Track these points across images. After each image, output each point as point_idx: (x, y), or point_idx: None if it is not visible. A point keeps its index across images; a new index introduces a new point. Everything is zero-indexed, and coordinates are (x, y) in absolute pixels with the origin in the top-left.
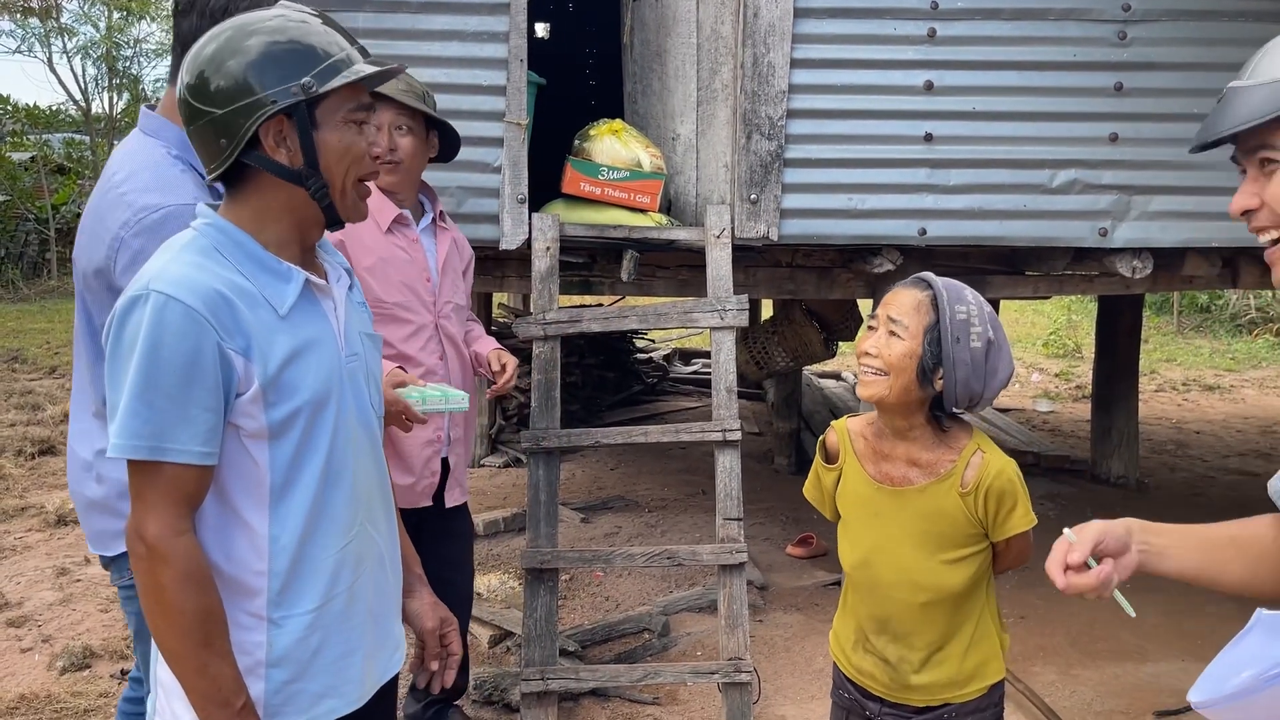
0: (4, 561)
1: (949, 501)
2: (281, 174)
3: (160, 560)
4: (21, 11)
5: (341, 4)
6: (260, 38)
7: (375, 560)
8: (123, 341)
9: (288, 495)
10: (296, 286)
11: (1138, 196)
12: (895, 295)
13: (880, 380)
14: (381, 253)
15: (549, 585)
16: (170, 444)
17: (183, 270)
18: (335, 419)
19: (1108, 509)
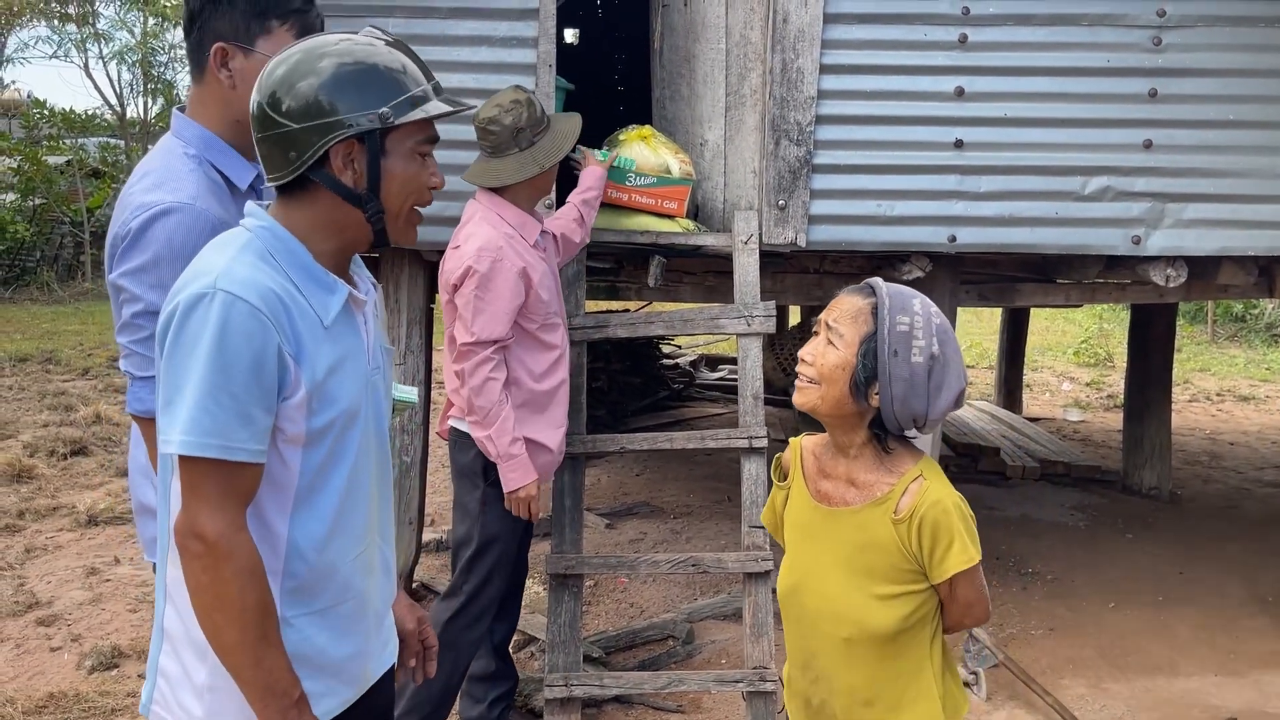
0: (36, 561)
1: (881, 528)
2: (343, 194)
3: (223, 557)
4: (59, 18)
5: (372, 10)
6: (332, 60)
7: (382, 566)
8: (185, 337)
9: (312, 500)
10: (340, 298)
11: (1172, 204)
12: (838, 301)
13: (812, 389)
14: (540, 266)
15: (573, 591)
16: (234, 442)
17: (246, 271)
18: (361, 430)
19: (1139, 521)
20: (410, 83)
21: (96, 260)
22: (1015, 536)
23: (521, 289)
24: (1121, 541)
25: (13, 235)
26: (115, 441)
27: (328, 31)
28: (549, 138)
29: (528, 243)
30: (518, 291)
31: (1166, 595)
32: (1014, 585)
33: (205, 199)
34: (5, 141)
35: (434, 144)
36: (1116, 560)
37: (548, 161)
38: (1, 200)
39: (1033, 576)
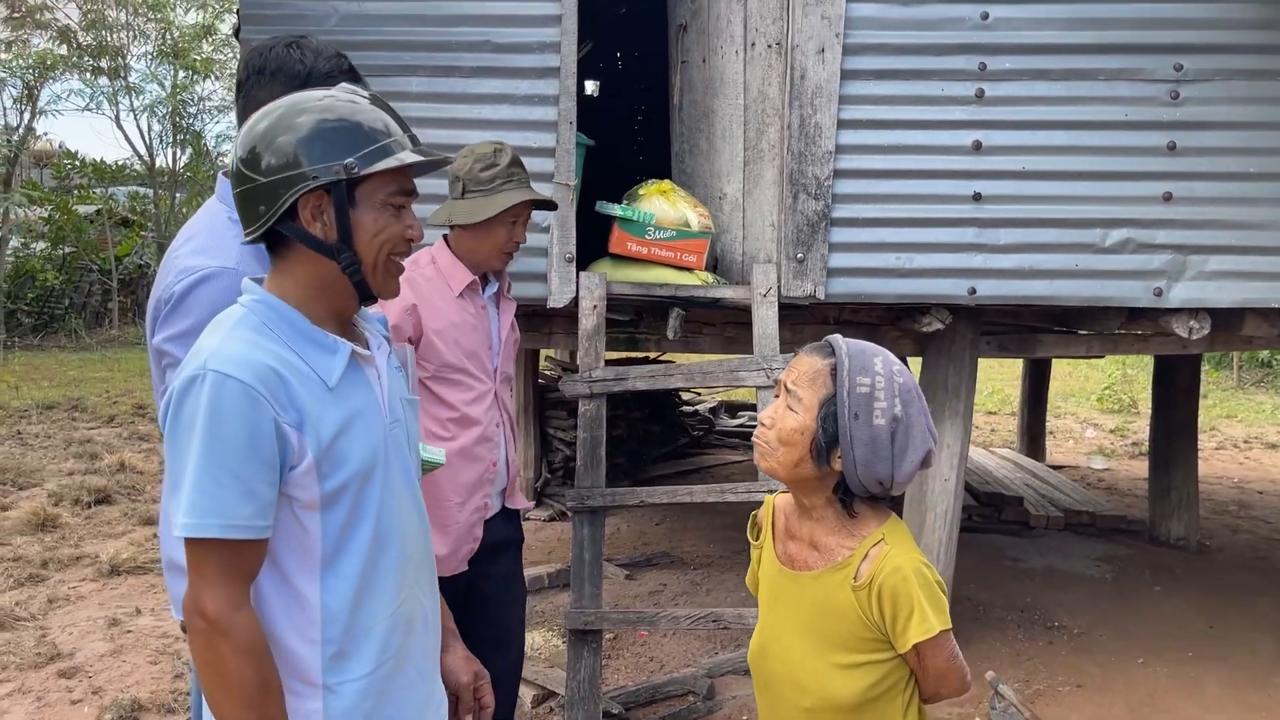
0: (58, 611)
1: (842, 595)
2: (314, 246)
3: (221, 634)
4: (92, 71)
5: (397, 70)
6: (311, 115)
7: (422, 621)
8: (181, 420)
9: (338, 563)
10: (343, 358)
11: (1194, 256)
12: (798, 361)
13: (771, 453)
14: (453, 317)
15: (592, 646)
16: (235, 520)
17: (237, 348)
18: (382, 485)
19: (1167, 572)
20: (380, 135)
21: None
22: (1040, 589)
23: (406, 328)
24: (1149, 594)
25: (42, 283)
26: (139, 490)
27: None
28: (479, 201)
29: (451, 290)
30: (400, 333)
31: (1196, 651)
32: (1040, 639)
33: (248, 263)
34: (37, 191)
35: (410, 196)
36: (1144, 614)
37: (456, 219)
38: (32, 249)
39: (1059, 630)
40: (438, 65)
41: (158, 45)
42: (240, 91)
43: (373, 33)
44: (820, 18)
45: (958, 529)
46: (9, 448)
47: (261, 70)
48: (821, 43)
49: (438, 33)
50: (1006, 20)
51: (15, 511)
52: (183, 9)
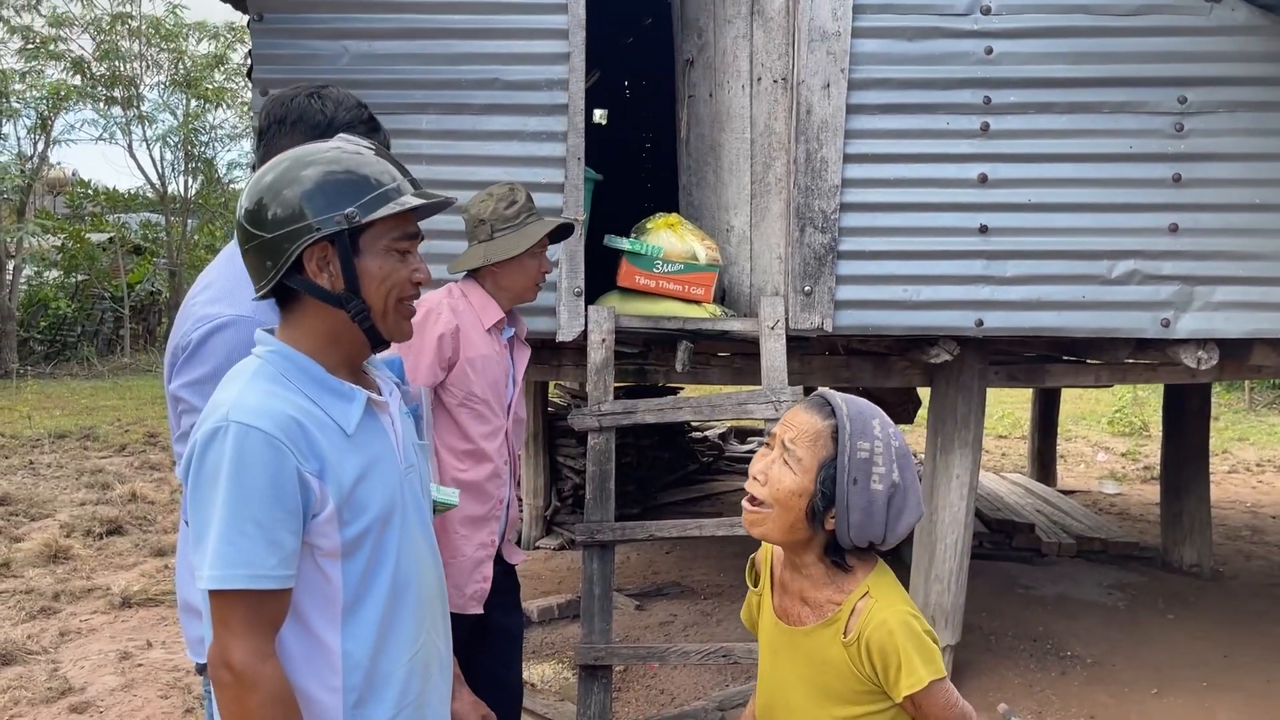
0: (70, 645)
1: (833, 650)
2: (322, 297)
3: (248, 688)
4: (105, 101)
5: (408, 108)
6: (316, 168)
7: (438, 666)
8: (204, 472)
9: (359, 610)
10: (360, 406)
11: (1200, 287)
12: (795, 416)
13: (762, 514)
14: (482, 349)
15: (603, 682)
16: (261, 570)
17: (258, 399)
18: (400, 531)
19: (1180, 600)
20: (380, 183)
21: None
22: (1052, 617)
23: (448, 347)
24: (1163, 622)
25: (55, 311)
26: (150, 521)
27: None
28: (511, 237)
29: (482, 324)
30: (443, 348)
31: (1211, 680)
32: (1053, 669)
33: (265, 312)
34: (50, 220)
35: (414, 239)
36: (1158, 642)
37: (494, 258)
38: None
39: (1072, 660)
40: (448, 103)
41: (170, 75)
42: (261, 140)
43: (384, 71)
44: (825, 53)
45: (968, 558)
46: (21, 478)
47: (283, 120)
48: (827, 78)
49: (447, 71)
50: (1011, 55)
51: (27, 543)
52: (195, 39)
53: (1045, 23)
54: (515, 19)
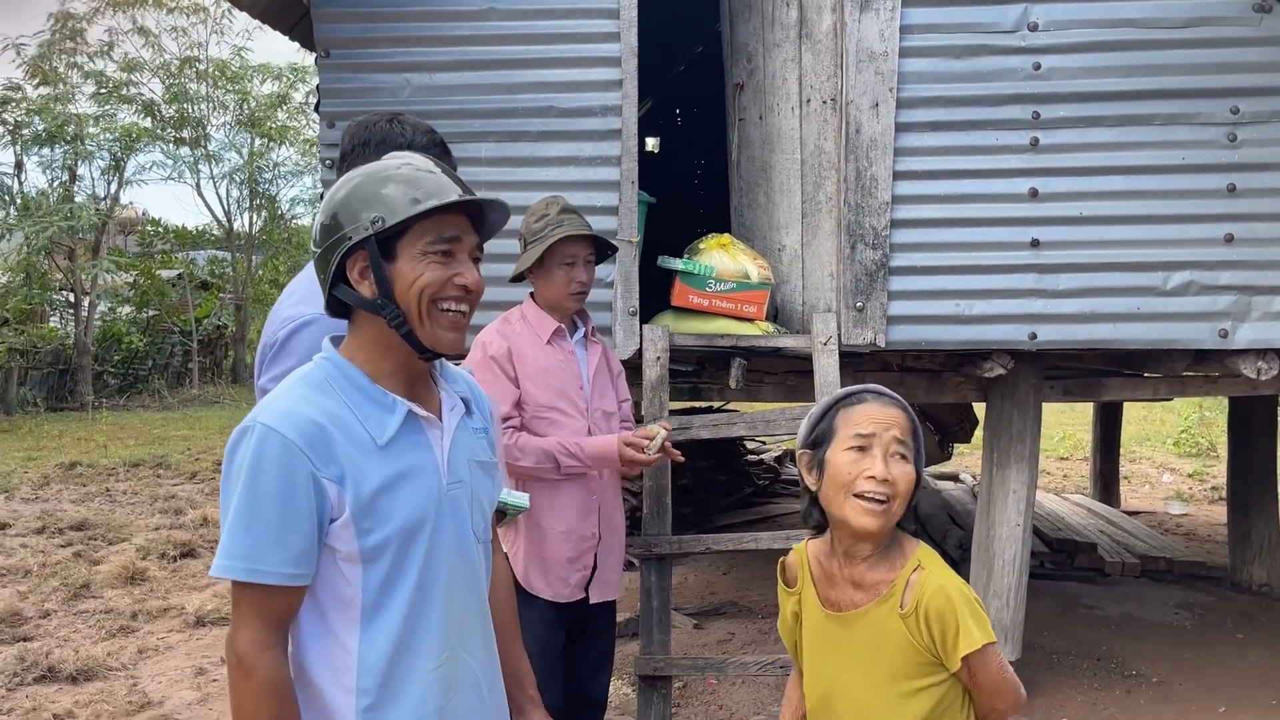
0: (147, 661)
1: (892, 625)
2: (362, 304)
3: (245, 672)
4: (174, 142)
5: (468, 136)
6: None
7: (471, 685)
8: (230, 469)
9: (378, 616)
10: (399, 418)
11: (1259, 296)
12: (886, 414)
13: (887, 509)
14: (542, 362)
15: (662, 693)
16: (263, 566)
17: (288, 403)
18: (429, 545)
19: (1249, 620)
20: (412, 189)
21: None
22: (1116, 636)
23: (497, 370)
24: (1231, 642)
25: (128, 345)
26: None
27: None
28: (532, 249)
29: (540, 337)
30: (495, 373)
31: (1228, 701)
32: (1118, 689)
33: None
34: (123, 258)
35: (454, 242)
36: (1226, 662)
37: (519, 269)
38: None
39: (1137, 679)
40: (505, 131)
41: (235, 115)
42: (344, 162)
43: (443, 102)
44: (874, 73)
45: (1026, 574)
46: (99, 504)
47: (366, 143)
48: (875, 98)
49: (505, 100)
50: (1059, 70)
51: (106, 565)
52: (259, 80)
53: (1093, 37)
54: (569, 48)
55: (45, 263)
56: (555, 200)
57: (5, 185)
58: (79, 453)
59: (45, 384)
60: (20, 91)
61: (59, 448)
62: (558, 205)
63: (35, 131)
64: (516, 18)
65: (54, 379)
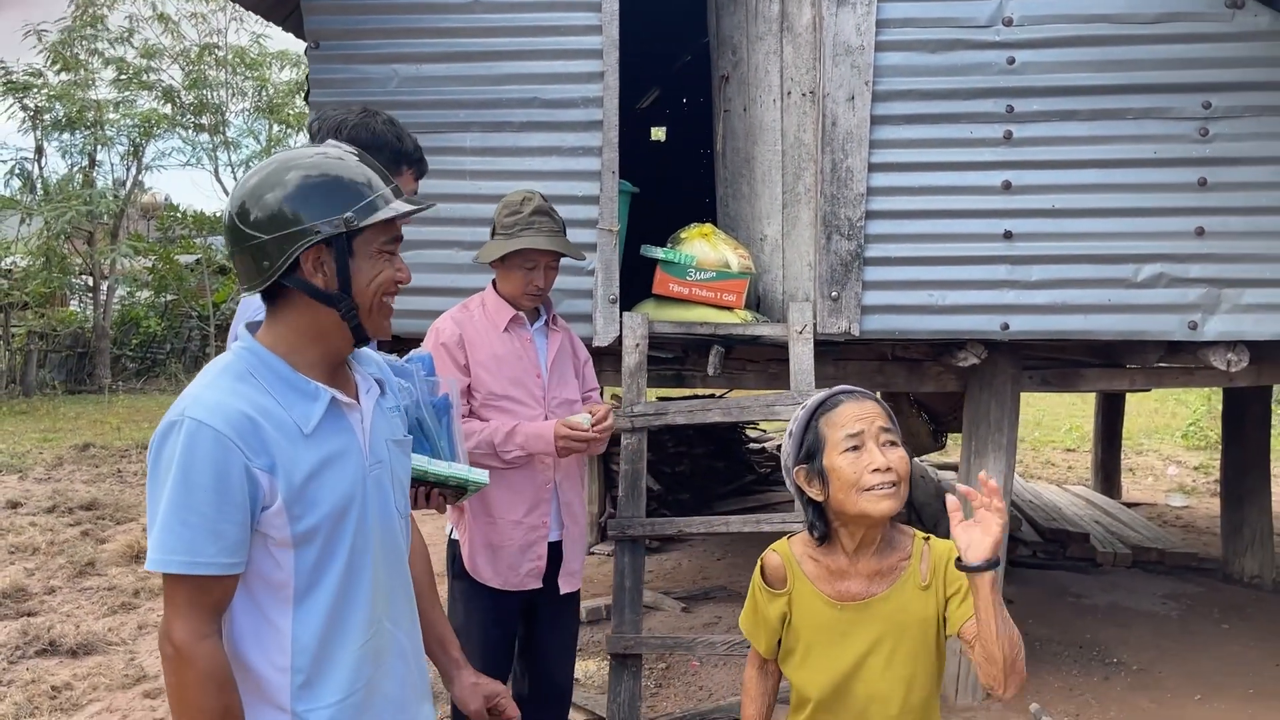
0: (146, 637)
1: (914, 602)
2: (316, 296)
3: (185, 662)
4: (193, 128)
5: (452, 127)
6: (308, 173)
7: (397, 654)
8: (160, 462)
9: (310, 597)
10: (322, 405)
11: (1228, 289)
12: (864, 408)
13: (898, 492)
14: (496, 349)
15: (632, 670)
16: (200, 557)
17: (215, 396)
18: (356, 525)
19: (1237, 611)
20: (371, 189)
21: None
22: (1102, 625)
23: (446, 357)
24: (1216, 632)
25: (146, 329)
26: None
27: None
28: (495, 244)
29: (497, 325)
30: (443, 359)
31: (1259, 689)
32: (1096, 675)
33: None
34: (142, 243)
35: (399, 243)
36: (1209, 651)
37: (480, 258)
38: (137, 297)
39: (1117, 666)
40: (489, 121)
41: (254, 102)
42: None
43: (429, 93)
44: (850, 67)
45: (1004, 562)
46: (110, 485)
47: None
48: (851, 90)
49: (489, 91)
50: (1033, 64)
51: (112, 544)
52: (277, 67)
53: (1067, 32)
54: (552, 40)
55: (65, 247)
56: (531, 197)
57: (26, 170)
58: (93, 434)
59: (64, 367)
60: (41, 77)
61: (74, 429)
62: (532, 204)
63: (56, 117)
64: (501, 10)
65: (72, 362)
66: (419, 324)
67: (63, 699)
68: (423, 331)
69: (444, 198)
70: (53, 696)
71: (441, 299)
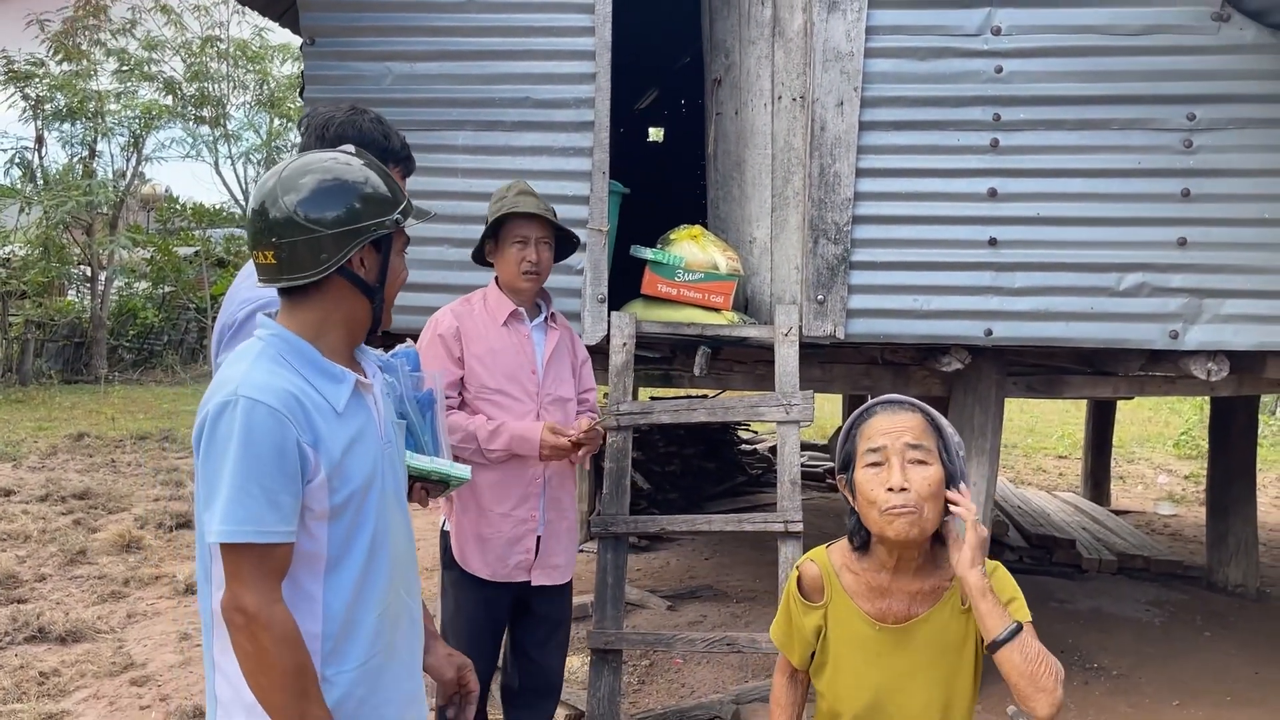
0: (135, 626)
1: (954, 624)
2: (362, 288)
3: (262, 627)
4: (194, 120)
5: (445, 124)
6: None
7: (408, 619)
8: (216, 440)
9: (340, 567)
10: (348, 387)
11: (1209, 299)
12: (895, 422)
13: (917, 515)
14: (493, 343)
15: (613, 666)
16: (265, 526)
17: (263, 377)
18: (379, 498)
19: (1219, 619)
20: (400, 194)
21: None
22: (1085, 631)
23: (441, 349)
24: (1198, 639)
25: (143, 321)
26: None
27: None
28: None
29: (496, 319)
30: (438, 350)
31: (1236, 695)
32: (1076, 680)
33: None
34: (140, 234)
35: (407, 243)
36: (1189, 658)
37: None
38: (135, 288)
39: (1097, 672)
40: (482, 120)
41: (255, 95)
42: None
43: (423, 90)
44: (839, 72)
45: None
46: (103, 474)
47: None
48: (840, 96)
49: (482, 90)
50: (1020, 73)
51: (103, 533)
52: (279, 60)
53: (1055, 42)
54: (545, 41)
55: (64, 237)
56: (515, 184)
57: (26, 160)
58: (88, 424)
59: (60, 356)
60: (43, 67)
61: (69, 419)
62: (516, 188)
63: (57, 107)
64: (495, 10)
65: (69, 352)
66: (409, 319)
67: (50, 685)
68: (411, 327)
69: (436, 195)
70: (40, 682)
71: (432, 295)
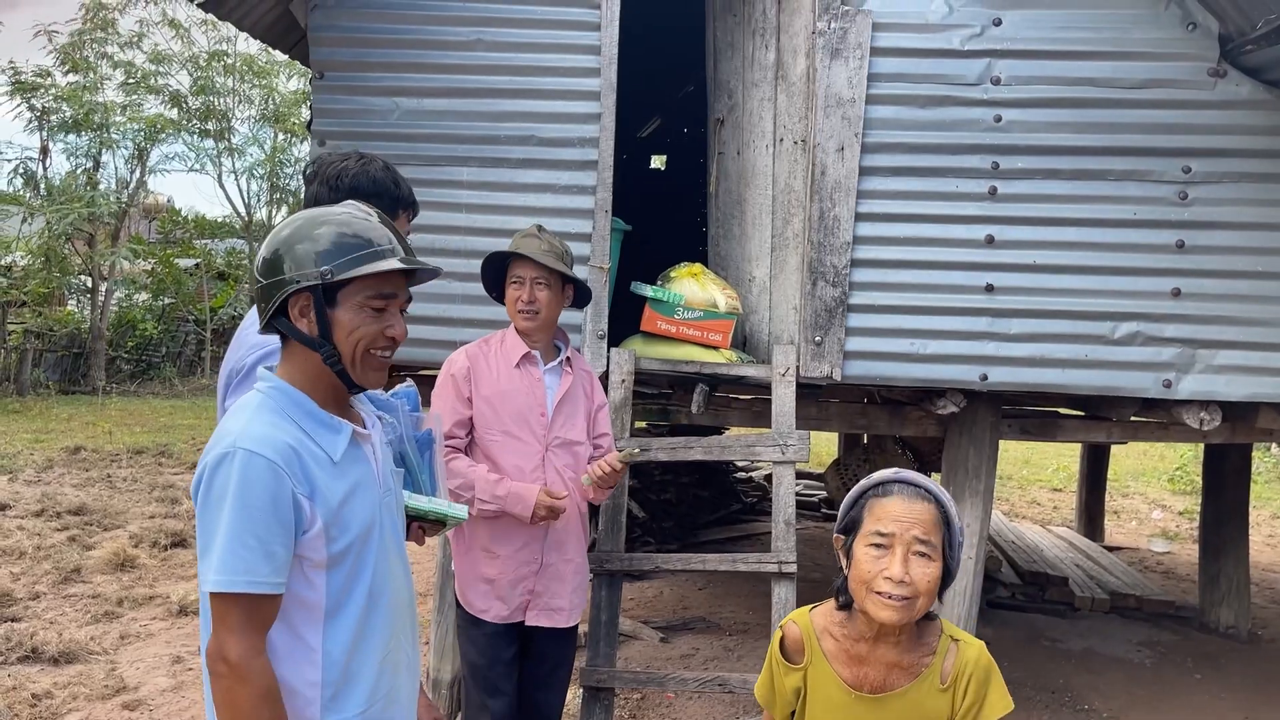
0: (128, 647)
1: (930, 701)
2: (300, 339)
3: (241, 679)
4: (199, 134)
5: (450, 160)
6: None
7: (406, 666)
8: (213, 491)
9: (339, 615)
10: (346, 437)
11: (1203, 350)
12: (910, 510)
13: (909, 606)
14: (504, 385)
15: (604, 704)
16: (258, 576)
17: (261, 429)
18: (377, 547)
19: (1210, 661)
20: (368, 245)
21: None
22: (1076, 670)
23: (451, 389)
24: (1188, 681)
25: (142, 332)
26: None
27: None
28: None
29: (509, 360)
30: (448, 390)
31: None
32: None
33: None
34: (141, 245)
35: (391, 299)
36: (1179, 700)
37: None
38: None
39: (1088, 713)
40: (487, 157)
41: (260, 110)
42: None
43: (429, 126)
44: (841, 118)
45: (977, 605)
46: (99, 490)
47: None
48: (841, 141)
49: (488, 127)
50: (1019, 123)
51: (98, 551)
52: (285, 76)
53: (1053, 94)
54: (552, 81)
55: (65, 247)
56: (530, 228)
57: (30, 170)
58: (85, 437)
59: (59, 367)
60: (49, 78)
61: (66, 431)
62: (527, 231)
63: (62, 118)
64: (503, 50)
65: (68, 362)
66: (411, 353)
67: (43, 708)
68: (414, 361)
69: (440, 229)
70: (33, 704)
71: (435, 328)
